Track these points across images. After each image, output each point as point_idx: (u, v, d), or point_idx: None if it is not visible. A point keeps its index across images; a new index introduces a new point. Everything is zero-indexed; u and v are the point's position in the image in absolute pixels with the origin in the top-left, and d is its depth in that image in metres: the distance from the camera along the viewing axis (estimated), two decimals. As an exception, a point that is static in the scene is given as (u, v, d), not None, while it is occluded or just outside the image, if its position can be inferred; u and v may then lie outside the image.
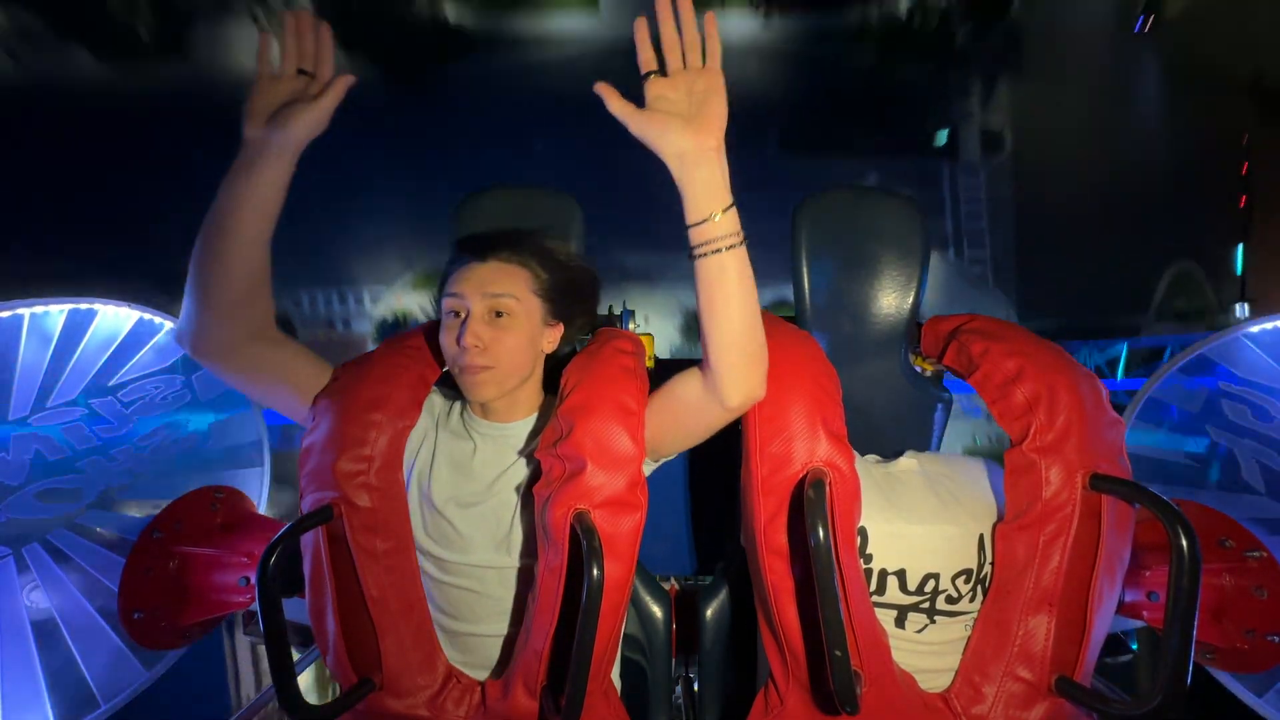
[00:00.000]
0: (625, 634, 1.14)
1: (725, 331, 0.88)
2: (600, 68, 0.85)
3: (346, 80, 0.92)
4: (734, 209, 0.85)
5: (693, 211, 0.84)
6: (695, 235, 0.85)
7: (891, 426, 1.26)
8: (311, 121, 0.91)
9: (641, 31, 0.83)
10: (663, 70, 0.84)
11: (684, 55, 0.83)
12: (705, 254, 0.85)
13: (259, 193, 0.91)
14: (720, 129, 0.83)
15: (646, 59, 0.84)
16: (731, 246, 0.85)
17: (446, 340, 1.01)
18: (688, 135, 0.82)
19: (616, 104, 0.83)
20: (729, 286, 0.86)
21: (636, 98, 0.84)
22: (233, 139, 0.93)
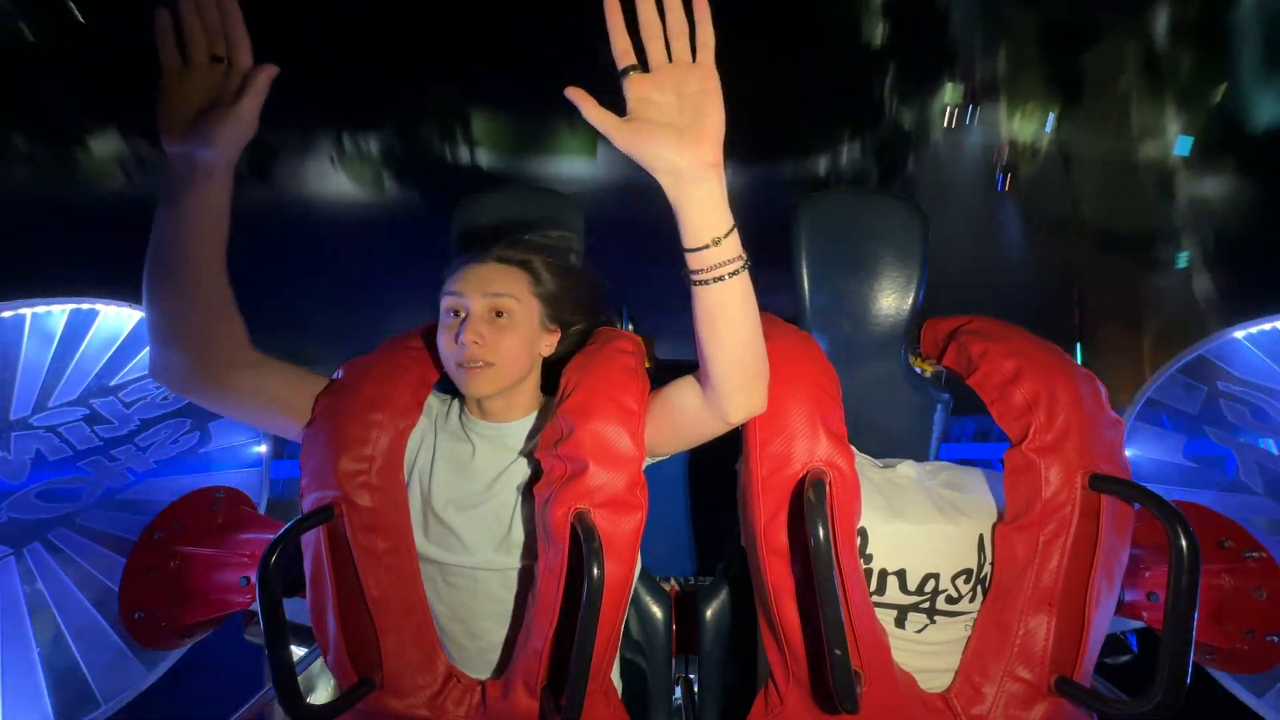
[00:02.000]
0: (625, 634, 1.14)
1: (727, 355, 0.83)
2: (598, 203, 0.80)
3: (269, 72, 0.79)
4: (735, 232, 0.76)
5: (690, 236, 0.75)
6: (694, 261, 0.77)
7: (891, 427, 1.26)
8: (237, 131, 0.79)
9: (614, 15, 0.68)
10: (644, 66, 0.72)
11: (669, 46, 0.71)
12: (706, 281, 0.77)
13: (197, 217, 0.81)
14: (718, 140, 0.72)
15: (623, 50, 0.70)
16: (734, 273, 0.77)
17: (445, 339, 1.00)
18: (683, 150, 0.71)
19: (594, 112, 0.70)
20: (732, 313, 0.79)
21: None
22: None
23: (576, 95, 0.70)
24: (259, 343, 0.94)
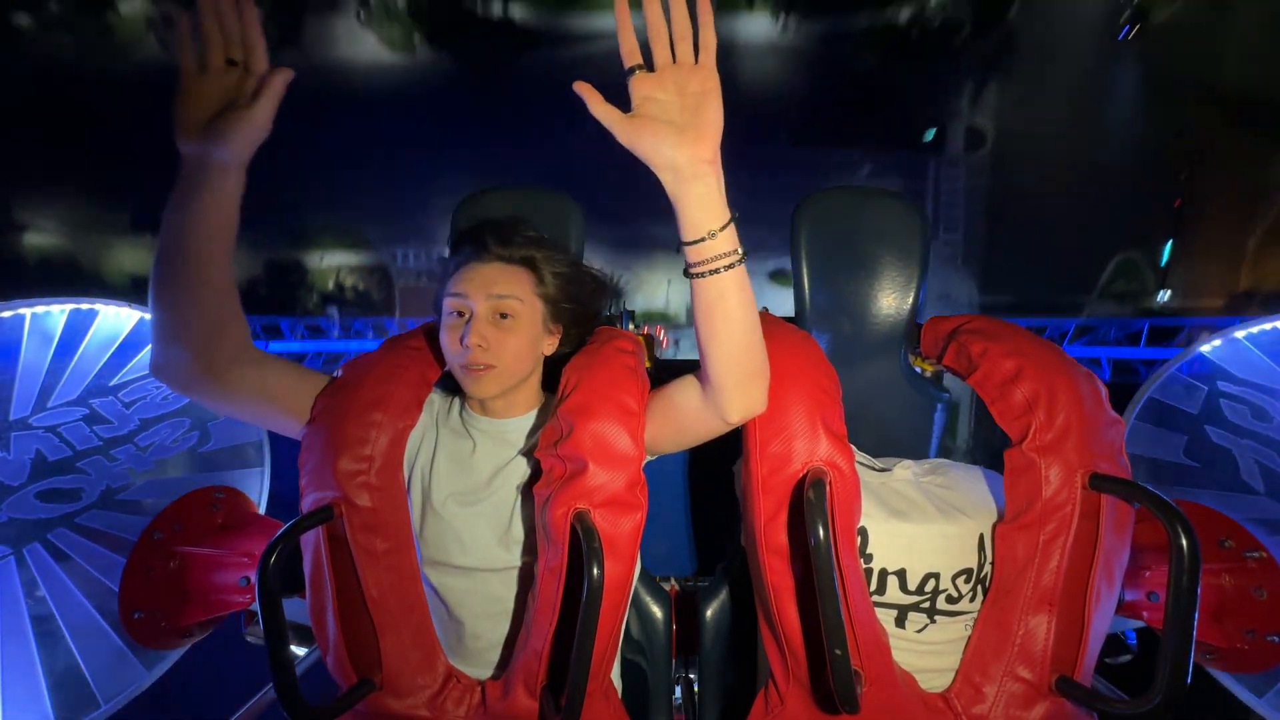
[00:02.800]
0: (625, 634, 1.14)
1: (725, 350, 0.84)
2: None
3: (285, 76, 0.82)
4: (732, 226, 0.78)
5: (688, 229, 0.78)
6: (692, 254, 0.79)
7: (891, 426, 1.26)
8: (251, 132, 0.82)
9: (623, 16, 0.72)
10: (649, 66, 0.75)
11: (673, 48, 0.74)
12: (703, 273, 0.79)
13: (208, 215, 0.83)
14: (716, 139, 0.75)
15: (629, 50, 0.74)
16: (731, 265, 0.79)
17: (449, 340, 1.00)
18: (682, 147, 0.74)
19: (600, 108, 0.75)
20: (729, 306, 0.81)
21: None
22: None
23: (584, 90, 0.75)
24: (300, 222, 0.93)
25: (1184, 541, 0.83)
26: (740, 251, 0.80)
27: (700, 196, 0.76)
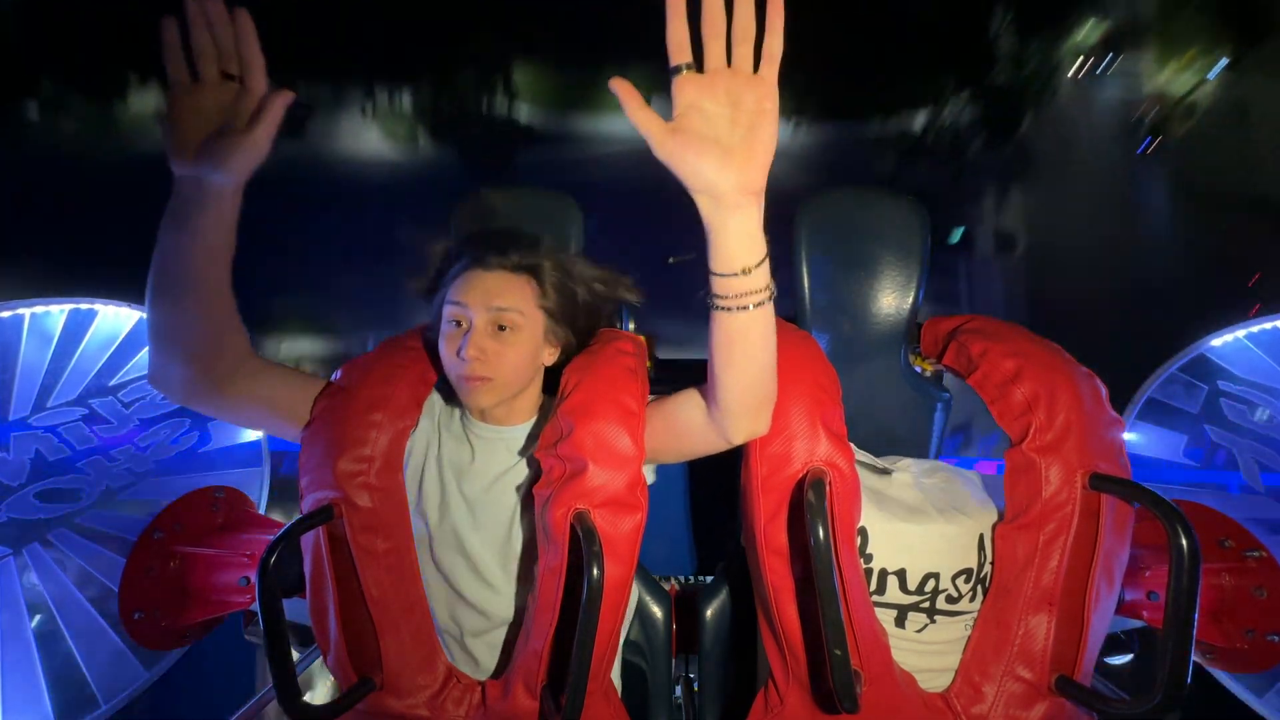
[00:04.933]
0: (625, 634, 1.13)
1: (741, 383, 0.82)
2: (653, 165, 0.66)
3: (284, 99, 0.76)
4: (766, 262, 0.72)
5: (721, 261, 0.71)
6: (720, 286, 0.73)
7: (891, 426, 1.26)
8: (249, 157, 0.77)
9: (676, 8, 0.60)
10: (699, 66, 0.63)
11: (730, 51, 0.63)
12: (730, 309, 0.74)
13: (205, 237, 0.80)
14: (766, 165, 0.66)
15: (678, 43, 0.62)
16: (760, 303, 0.74)
17: (447, 350, 0.99)
18: (728, 171, 0.65)
19: (640, 113, 0.64)
20: (751, 341, 0.77)
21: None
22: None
23: (621, 88, 0.63)
24: (288, 308, 0.93)
25: (1184, 541, 0.83)
26: (772, 290, 0.74)
27: (739, 228, 0.69)
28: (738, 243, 0.70)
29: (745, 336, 0.77)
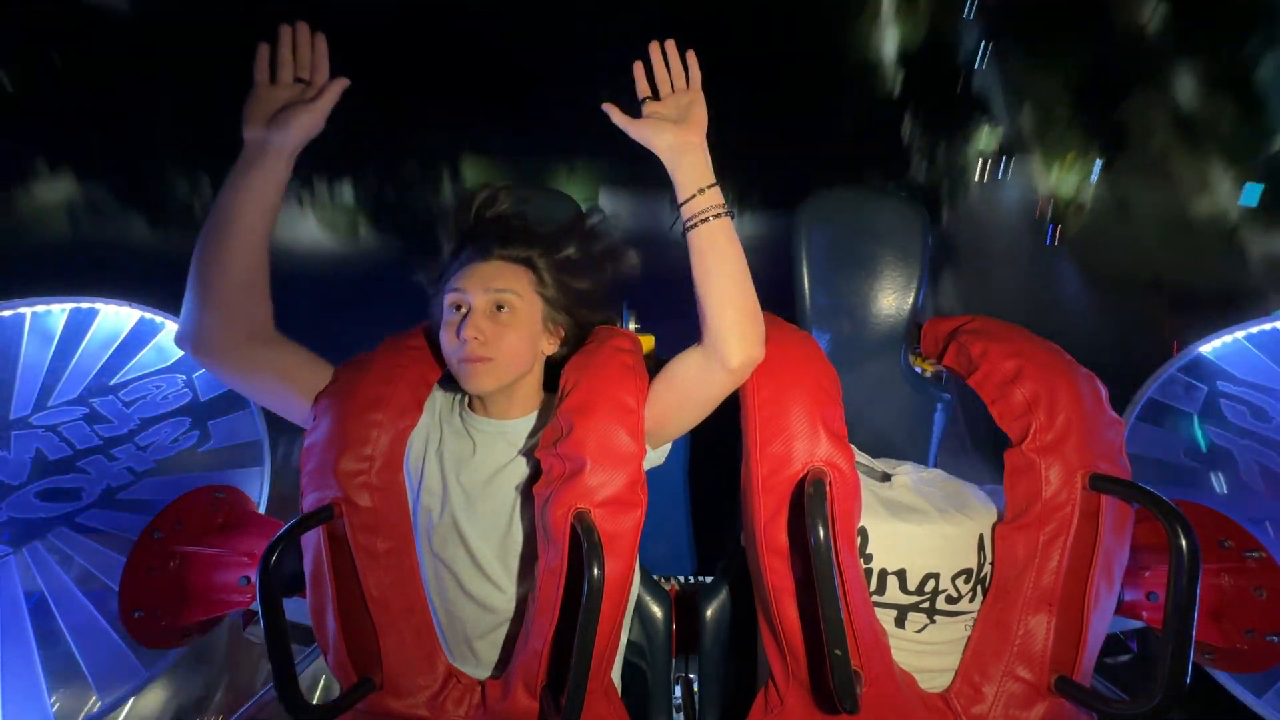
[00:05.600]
0: (625, 634, 1.13)
1: (720, 290, 0.93)
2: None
3: (341, 83, 0.97)
4: (717, 187, 0.95)
5: (682, 189, 0.95)
6: (685, 211, 0.95)
7: (891, 426, 1.26)
8: (308, 123, 0.95)
9: (639, 71, 0.99)
10: (655, 95, 0.99)
11: (671, 83, 0.98)
12: (695, 224, 0.93)
13: (258, 192, 0.95)
14: (702, 128, 0.96)
15: (643, 89, 0.99)
16: (718, 215, 0.93)
17: (447, 335, 1.00)
18: (676, 132, 0.95)
19: (618, 116, 0.97)
20: (720, 249, 0.93)
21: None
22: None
23: (610, 108, 0.97)
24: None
25: (1184, 542, 0.83)
26: (726, 207, 0.94)
27: (690, 165, 0.95)
28: (690, 174, 0.95)
29: (713, 245, 0.93)
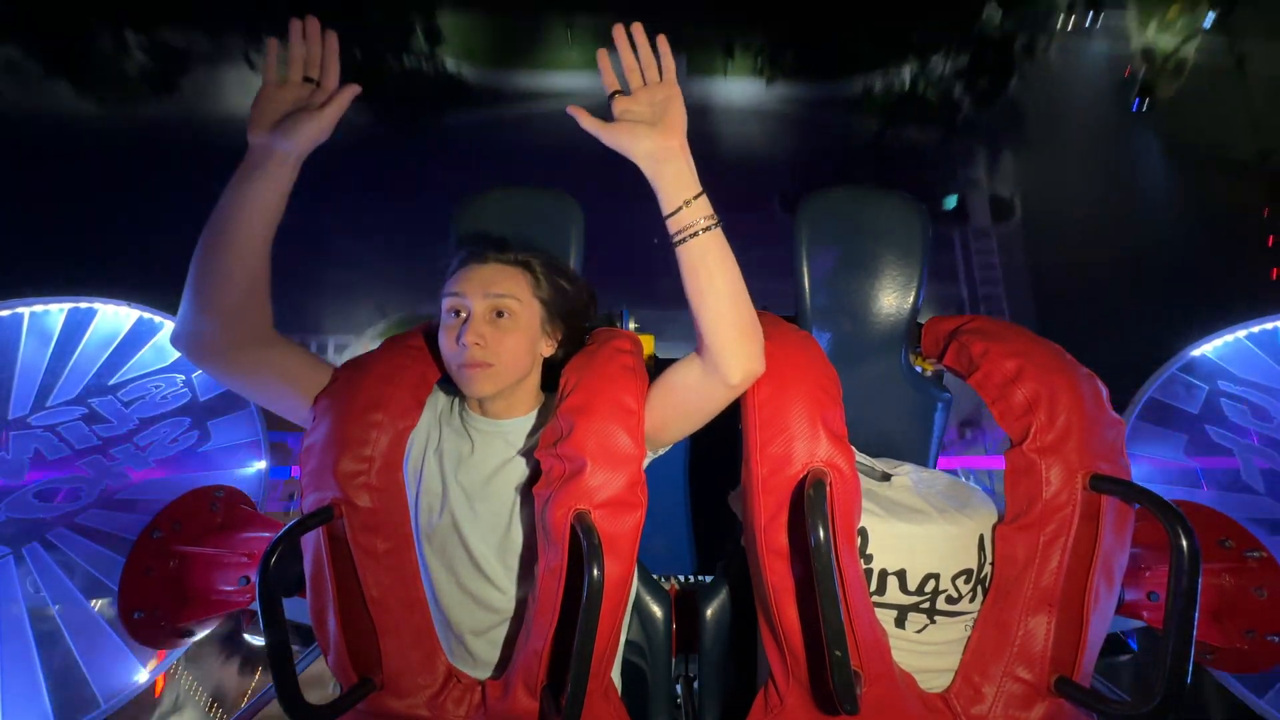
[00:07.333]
0: (625, 634, 1.13)
1: (715, 308, 0.90)
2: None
3: (352, 90, 0.94)
4: (704, 196, 0.89)
5: (667, 203, 0.89)
6: (673, 224, 0.89)
7: (891, 426, 1.26)
8: (315, 131, 0.93)
9: (603, 60, 0.91)
10: (626, 90, 0.91)
11: (643, 74, 0.90)
12: (685, 239, 0.89)
13: (261, 197, 0.93)
14: (681, 130, 0.89)
15: (609, 81, 0.91)
16: (708, 229, 0.89)
17: (446, 339, 1.01)
18: (654, 137, 0.88)
19: (587, 121, 0.89)
20: (711, 264, 0.89)
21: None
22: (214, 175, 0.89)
23: (575, 110, 0.88)
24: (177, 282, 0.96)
25: (1184, 542, 0.83)
26: (714, 217, 0.89)
27: (673, 174, 0.89)
28: (674, 184, 0.89)
29: (705, 260, 0.89)
